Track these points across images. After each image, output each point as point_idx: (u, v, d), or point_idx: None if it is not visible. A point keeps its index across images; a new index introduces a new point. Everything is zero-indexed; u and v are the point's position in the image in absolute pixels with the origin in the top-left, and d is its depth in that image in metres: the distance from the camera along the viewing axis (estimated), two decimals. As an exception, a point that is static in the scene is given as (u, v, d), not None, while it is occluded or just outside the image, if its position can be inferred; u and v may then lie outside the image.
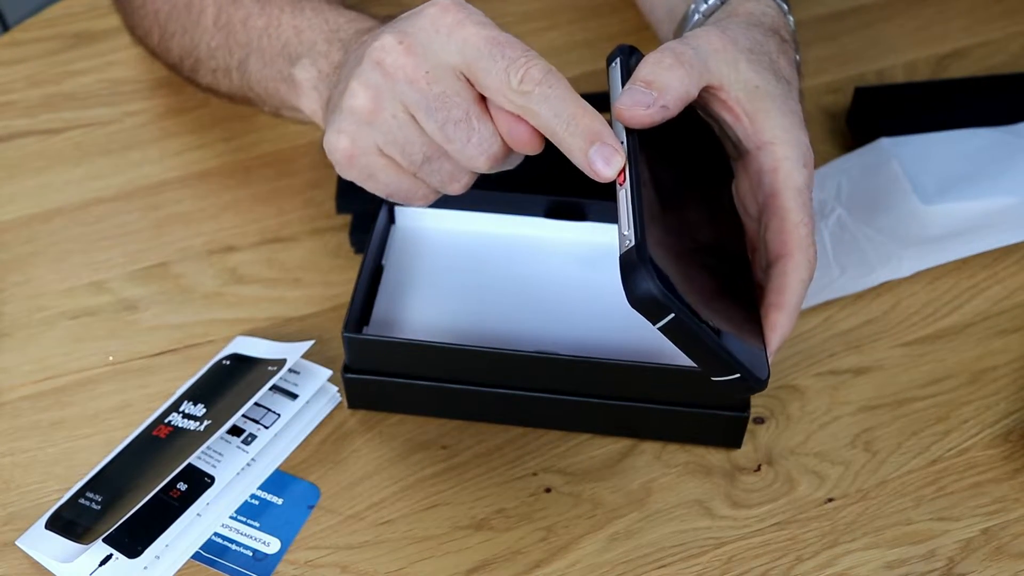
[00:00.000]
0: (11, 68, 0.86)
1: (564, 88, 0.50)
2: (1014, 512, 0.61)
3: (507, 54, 0.51)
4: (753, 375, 0.49)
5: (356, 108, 0.53)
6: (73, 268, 0.73)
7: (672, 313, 0.47)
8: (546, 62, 0.51)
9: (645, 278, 0.46)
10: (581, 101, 0.51)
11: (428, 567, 0.59)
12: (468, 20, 0.51)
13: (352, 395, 0.65)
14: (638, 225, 0.48)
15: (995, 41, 0.88)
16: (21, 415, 0.66)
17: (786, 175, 0.55)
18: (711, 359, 0.49)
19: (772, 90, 0.56)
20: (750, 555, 0.60)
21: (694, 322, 0.47)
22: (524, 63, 0.50)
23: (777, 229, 0.55)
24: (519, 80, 0.50)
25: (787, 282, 0.54)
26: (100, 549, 0.59)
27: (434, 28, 0.52)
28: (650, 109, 0.52)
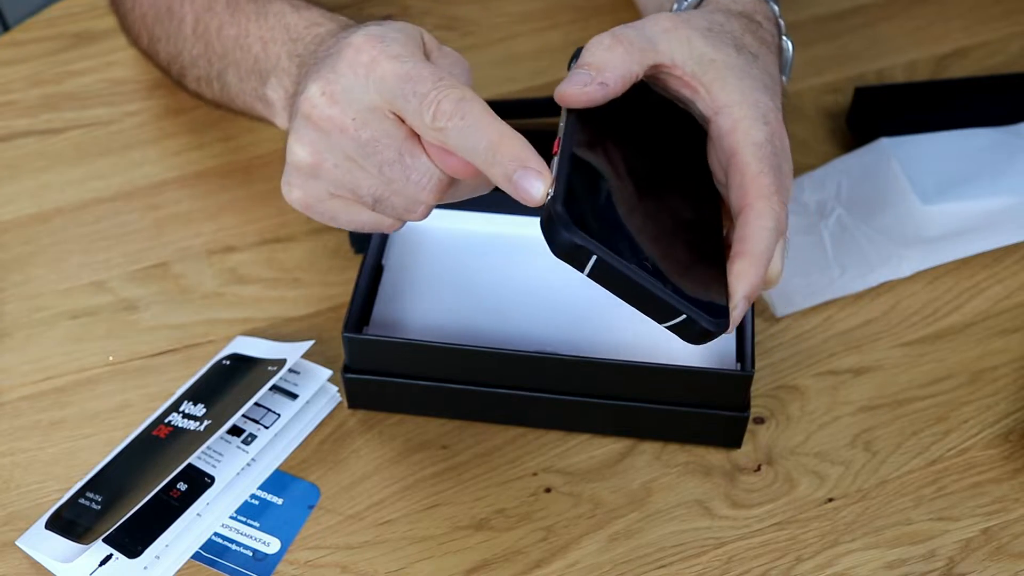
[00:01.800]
0: (11, 68, 0.86)
1: (478, 116, 0.50)
2: (1014, 512, 0.61)
3: (418, 90, 0.50)
4: (704, 316, 0.48)
5: (299, 164, 0.54)
6: (73, 268, 0.73)
7: (595, 255, 0.46)
8: (459, 90, 0.50)
9: (561, 226, 0.46)
10: (498, 126, 0.50)
11: (428, 567, 0.59)
12: (381, 56, 0.51)
13: (352, 395, 0.65)
14: (560, 184, 0.48)
15: (995, 41, 0.88)
16: (21, 415, 0.66)
17: (744, 133, 0.53)
18: (651, 301, 0.48)
19: (730, 61, 0.55)
20: (750, 555, 0.60)
21: (621, 263, 0.47)
22: (434, 97, 0.50)
23: (738, 184, 0.53)
24: (432, 116, 0.50)
25: (750, 231, 0.52)
26: (100, 549, 0.59)
27: (352, 71, 0.52)
28: (588, 87, 0.52)
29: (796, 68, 0.85)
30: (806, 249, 0.72)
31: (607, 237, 0.47)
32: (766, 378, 0.67)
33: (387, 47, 0.51)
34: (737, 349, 0.64)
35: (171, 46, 0.71)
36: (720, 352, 0.64)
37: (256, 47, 0.63)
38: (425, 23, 0.89)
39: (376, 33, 0.52)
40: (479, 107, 0.50)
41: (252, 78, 0.64)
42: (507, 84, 0.83)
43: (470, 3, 0.91)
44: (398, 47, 0.52)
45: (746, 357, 0.61)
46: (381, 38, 0.52)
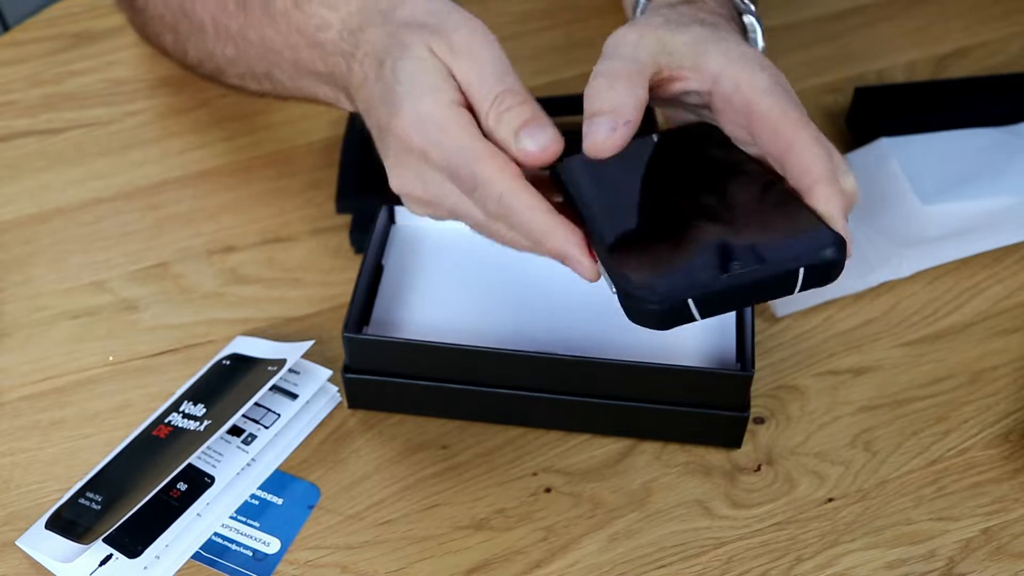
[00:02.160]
0: (11, 68, 0.86)
1: (519, 214, 0.51)
2: (1014, 512, 0.61)
3: (465, 186, 0.52)
4: (818, 253, 0.47)
5: (418, 212, 0.57)
6: (73, 268, 0.73)
7: (690, 299, 0.46)
8: (497, 185, 0.51)
9: (643, 310, 0.47)
10: (539, 221, 0.51)
11: (428, 567, 0.59)
12: (427, 149, 0.53)
13: (352, 395, 0.65)
14: (615, 276, 0.49)
15: (995, 41, 0.88)
16: (21, 415, 0.66)
17: (750, 85, 0.54)
18: (769, 287, 0.47)
19: (701, 35, 0.56)
20: (750, 555, 0.60)
21: (718, 282, 0.46)
22: (480, 196, 0.52)
23: (770, 131, 0.53)
24: (483, 207, 0.53)
25: (808, 160, 0.52)
26: (100, 549, 0.59)
27: (414, 159, 0.54)
28: (617, 131, 0.52)
29: (796, 68, 0.86)
30: (806, 249, 0.72)
31: (686, 275, 0.47)
32: (766, 378, 0.67)
33: (427, 135, 0.53)
34: (737, 349, 0.64)
35: (200, 47, 0.70)
36: (720, 352, 0.64)
37: (287, 53, 0.63)
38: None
39: (412, 118, 0.53)
40: (518, 202, 0.51)
41: (304, 78, 0.63)
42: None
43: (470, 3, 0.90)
44: (435, 129, 0.53)
45: (746, 357, 0.61)
46: (418, 125, 0.53)
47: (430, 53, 0.54)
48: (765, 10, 0.90)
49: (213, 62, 0.70)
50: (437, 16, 0.55)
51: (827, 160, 0.52)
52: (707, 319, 0.48)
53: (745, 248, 0.48)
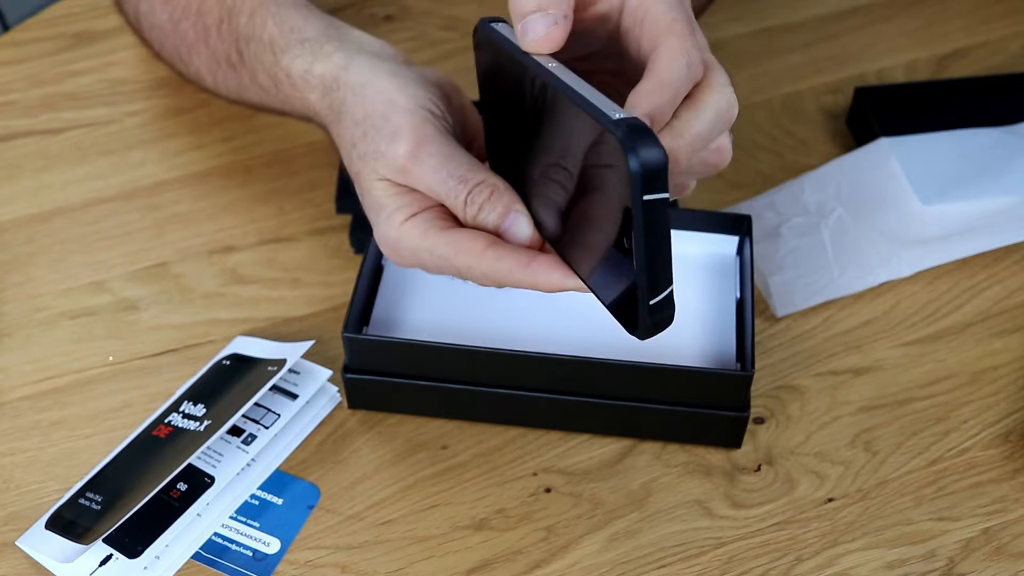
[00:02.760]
0: (11, 68, 0.86)
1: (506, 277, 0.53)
2: (1014, 512, 0.61)
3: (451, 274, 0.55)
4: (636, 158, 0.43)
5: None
6: (73, 268, 0.73)
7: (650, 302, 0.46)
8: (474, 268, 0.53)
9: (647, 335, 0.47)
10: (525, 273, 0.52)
11: (428, 567, 0.59)
12: (403, 262, 0.56)
13: (352, 395, 0.65)
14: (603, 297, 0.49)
15: (995, 41, 0.88)
16: (21, 415, 0.66)
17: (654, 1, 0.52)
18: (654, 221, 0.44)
19: None
20: (750, 555, 0.60)
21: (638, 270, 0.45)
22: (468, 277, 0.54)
23: (650, 35, 0.51)
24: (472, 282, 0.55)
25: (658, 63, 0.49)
26: (100, 549, 0.59)
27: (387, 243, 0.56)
28: (558, 26, 0.50)
29: (796, 68, 0.86)
30: (806, 249, 0.72)
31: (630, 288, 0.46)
32: (766, 378, 0.67)
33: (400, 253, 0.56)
34: (737, 349, 0.64)
35: (201, 85, 0.74)
36: (720, 352, 0.64)
37: (290, 110, 0.66)
38: (426, 23, 0.89)
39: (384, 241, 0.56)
40: (501, 270, 0.53)
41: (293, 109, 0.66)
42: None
43: (470, 3, 0.91)
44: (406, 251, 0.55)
45: (746, 357, 0.61)
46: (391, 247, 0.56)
47: (383, 182, 0.56)
48: (765, 10, 0.91)
49: (226, 97, 0.73)
50: (376, 130, 0.56)
51: (677, 70, 0.49)
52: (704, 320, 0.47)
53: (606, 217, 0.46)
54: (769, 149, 0.80)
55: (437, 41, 0.88)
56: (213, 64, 0.70)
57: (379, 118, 0.56)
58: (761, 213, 0.74)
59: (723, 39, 0.87)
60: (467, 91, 0.83)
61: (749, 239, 0.66)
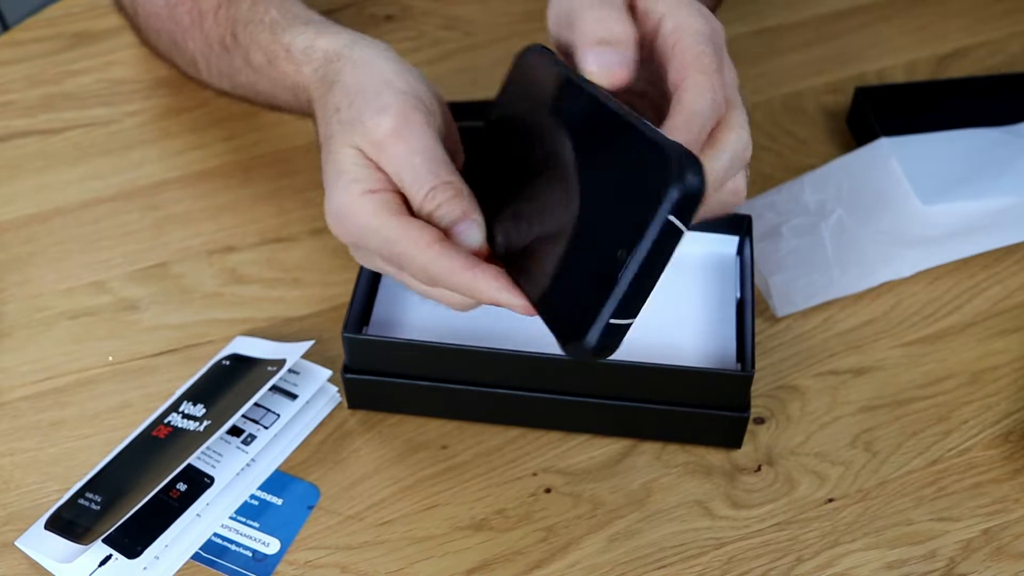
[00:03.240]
0: (10, 68, 0.86)
1: (447, 278, 0.51)
2: (1015, 512, 0.61)
3: (393, 264, 0.54)
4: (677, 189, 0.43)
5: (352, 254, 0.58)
6: (73, 268, 0.73)
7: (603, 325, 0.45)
8: (417, 259, 0.52)
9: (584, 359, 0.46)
10: (465, 276, 0.51)
11: (428, 567, 0.59)
12: (349, 240, 0.55)
13: (352, 395, 0.65)
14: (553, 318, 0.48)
15: (995, 41, 0.88)
16: (21, 415, 0.65)
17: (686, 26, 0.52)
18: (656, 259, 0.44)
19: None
20: (750, 555, 0.60)
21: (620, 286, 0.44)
22: (408, 270, 0.53)
23: (677, 65, 0.51)
24: (415, 282, 0.54)
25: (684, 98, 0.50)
26: (100, 549, 0.59)
27: (344, 239, 0.56)
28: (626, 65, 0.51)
29: (796, 68, 0.86)
30: (806, 249, 0.72)
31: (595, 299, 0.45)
32: (766, 378, 0.67)
33: (348, 229, 0.55)
34: (737, 349, 0.64)
35: (196, 76, 0.74)
36: (720, 352, 0.64)
37: (267, 91, 0.67)
38: (426, 23, 0.89)
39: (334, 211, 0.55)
40: (442, 268, 0.51)
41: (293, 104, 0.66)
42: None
43: (470, 3, 0.91)
44: (354, 226, 0.54)
45: (746, 357, 0.61)
46: (339, 218, 0.55)
47: (354, 151, 0.55)
48: (765, 10, 0.91)
49: (211, 88, 0.74)
50: (364, 102, 0.55)
51: (704, 106, 0.50)
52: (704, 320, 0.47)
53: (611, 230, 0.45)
54: (769, 149, 0.80)
55: (437, 41, 0.88)
56: (206, 48, 0.70)
57: (372, 92, 0.56)
58: (761, 213, 0.74)
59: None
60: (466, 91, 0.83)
61: (749, 239, 0.66)
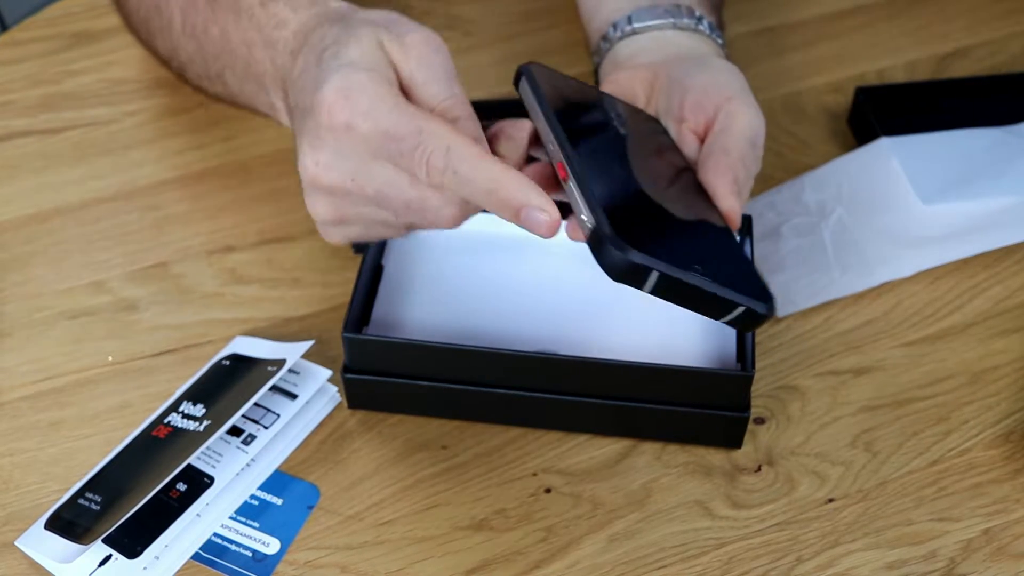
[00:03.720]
0: (10, 68, 0.86)
1: (469, 165, 0.50)
2: (1015, 513, 0.61)
3: (404, 149, 0.50)
4: (758, 303, 0.49)
5: (323, 220, 0.55)
6: (72, 268, 0.73)
7: (654, 271, 0.47)
8: (442, 140, 0.50)
9: (614, 249, 0.47)
10: (492, 171, 0.50)
11: (428, 567, 0.59)
12: (356, 116, 0.51)
13: (352, 395, 0.65)
14: (593, 208, 0.48)
15: (996, 41, 0.88)
16: (20, 415, 0.65)
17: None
18: (711, 302, 0.49)
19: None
20: (751, 555, 0.60)
21: (679, 272, 0.47)
22: (421, 155, 0.50)
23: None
24: (426, 174, 0.50)
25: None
26: (99, 549, 0.59)
27: (334, 135, 0.51)
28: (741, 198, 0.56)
29: (797, 68, 0.86)
30: (807, 249, 0.72)
31: (657, 249, 0.47)
32: (766, 378, 0.67)
33: (357, 103, 0.51)
34: (737, 349, 0.64)
35: (166, 43, 0.71)
36: (720, 352, 0.64)
37: (242, 50, 0.63)
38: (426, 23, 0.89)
39: (342, 86, 0.51)
40: (468, 154, 0.50)
41: (249, 81, 0.63)
42: (507, 84, 0.82)
43: (471, 3, 0.91)
44: (366, 100, 0.51)
45: (746, 357, 0.61)
46: (348, 92, 0.51)
47: (378, 45, 0.53)
48: (766, 9, 0.91)
49: (177, 59, 0.71)
50: (393, 20, 0.55)
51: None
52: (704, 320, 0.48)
53: (709, 258, 0.50)
54: (769, 149, 0.79)
55: (437, 41, 0.88)
56: (188, 5, 0.67)
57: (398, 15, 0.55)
58: (762, 213, 0.74)
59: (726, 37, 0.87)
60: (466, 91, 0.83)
61: (750, 239, 0.66)
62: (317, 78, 0.53)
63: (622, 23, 0.66)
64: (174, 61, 0.72)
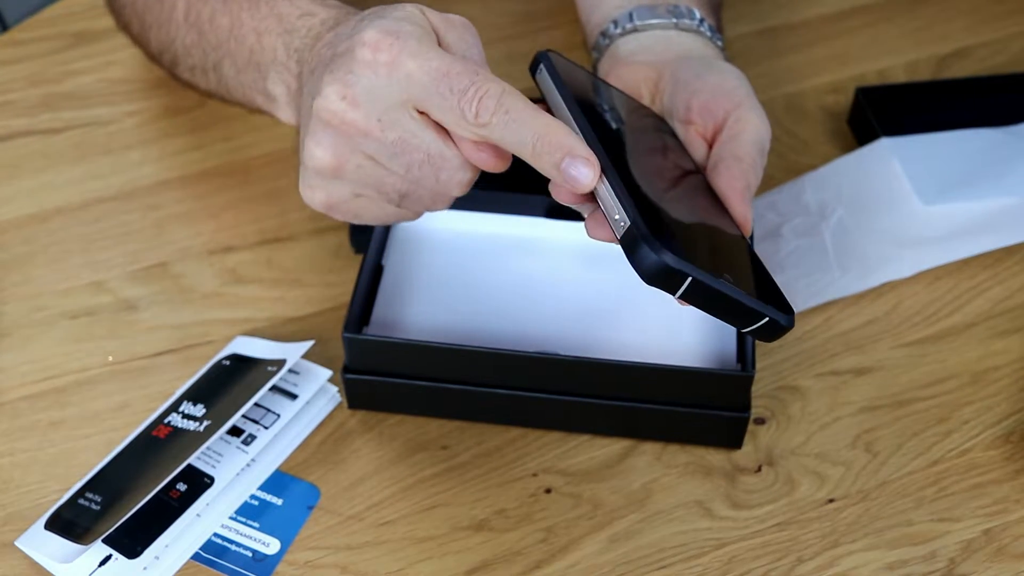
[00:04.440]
0: (11, 68, 0.86)
1: (521, 109, 0.49)
2: (1015, 513, 0.61)
3: (455, 87, 0.49)
4: (780, 314, 0.49)
5: (319, 167, 0.53)
6: (73, 268, 0.73)
7: (689, 277, 0.47)
8: (497, 84, 0.49)
9: (651, 252, 0.47)
10: (542, 117, 0.49)
11: (428, 568, 0.59)
12: (403, 54, 0.49)
13: (352, 395, 0.65)
14: (627, 206, 0.48)
15: (996, 41, 0.88)
16: (20, 415, 0.65)
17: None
18: (738, 311, 0.49)
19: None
20: (751, 556, 0.60)
21: (711, 279, 0.47)
22: (474, 94, 0.49)
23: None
24: (475, 113, 0.49)
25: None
26: (99, 549, 0.59)
27: (372, 71, 0.50)
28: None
29: (797, 68, 0.86)
30: (807, 249, 0.72)
31: (691, 255, 0.47)
32: (767, 378, 0.67)
33: (405, 43, 0.50)
34: (738, 349, 0.64)
35: (162, 34, 0.70)
36: (720, 352, 0.64)
37: (251, 39, 0.62)
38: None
39: (390, 28, 0.50)
40: (520, 100, 0.49)
41: (250, 70, 0.63)
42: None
43: (471, 3, 0.90)
44: (415, 42, 0.50)
45: (747, 357, 0.61)
46: (396, 33, 0.50)
47: (421, 11, 0.52)
48: (767, 10, 0.91)
49: (171, 52, 0.70)
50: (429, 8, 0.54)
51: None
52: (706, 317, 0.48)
53: (736, 267, 0.50)
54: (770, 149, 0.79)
55: (437, 41, 0.88)
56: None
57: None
58: (762, 213, 0.74)
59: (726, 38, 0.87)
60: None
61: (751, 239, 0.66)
62: (355, 27, 0.52)
63: (623, 20, 0.66)
64: (167, 53, 0.71)
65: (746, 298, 0.48)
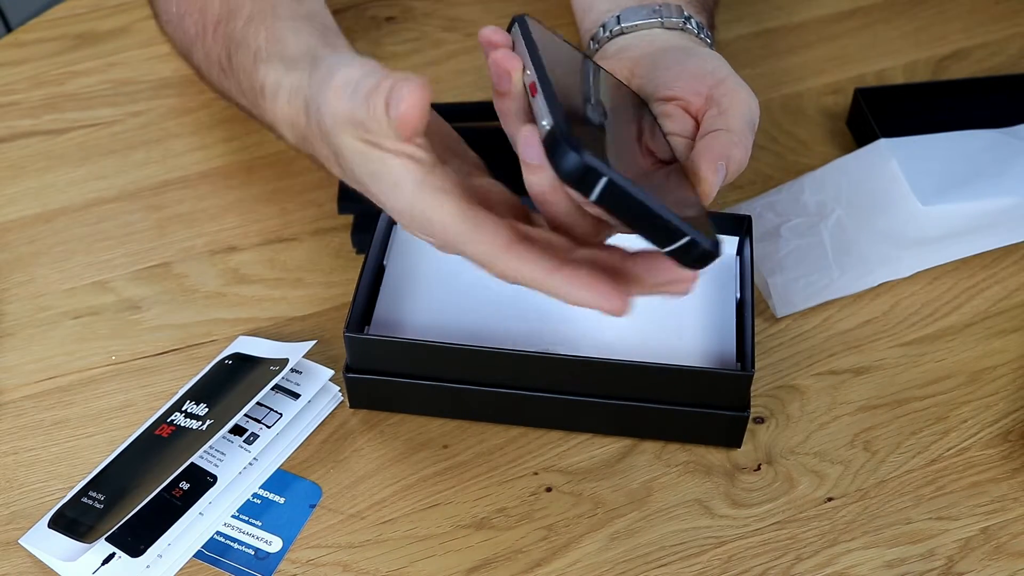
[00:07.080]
0: (14, 69, 0.86)
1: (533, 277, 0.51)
2: (1013, 511, 0.61)
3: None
4: (704, 238, 0.48)
5: None
6: (76, 268, 0.73)
7: (604, 177, 0.46)
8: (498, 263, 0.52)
9: (570, 148, 0.46)
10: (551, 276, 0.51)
11: (429, 566, 0.59)
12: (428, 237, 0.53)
13: (354, 395, 0.65)
14: (555, 111, 0.47)
15: (994, 42, 0.88)
16: (24, 414, 0.66)
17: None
18: (656, 224, 0.47)
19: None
20: (750, 554, 0.60)
21: (630, 184, 0.46)
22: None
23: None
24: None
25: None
26: (103, 548, 0.59)
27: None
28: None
29: (796, 69, 0.86)
30: (806, 249, 0.72)
31: (613, 162, 0.47)
32: (766, 378, 0.67)
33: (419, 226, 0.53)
34: (737, 349, 0.64)
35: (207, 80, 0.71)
36: (720, 352, 0.64)
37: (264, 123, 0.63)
38: (427, 24, 0.90)
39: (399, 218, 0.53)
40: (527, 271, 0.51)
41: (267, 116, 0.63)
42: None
43: (471, 4, 0.91)
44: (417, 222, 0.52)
45: (746, 357, 0.61)
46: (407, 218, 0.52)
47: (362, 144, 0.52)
48: (765, 11, 0.91)
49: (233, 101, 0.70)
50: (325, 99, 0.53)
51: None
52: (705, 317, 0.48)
53: (665, 193, 0.49)
54: (769, 150, 0.80)
55: (439, 42, 0.88)
56: (207, 64, 0.68)
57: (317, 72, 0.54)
58: (761, 213, 0.74)
59: (724, 40, 0.88)
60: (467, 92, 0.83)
61: (749, 239, 0.67)
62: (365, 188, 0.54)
63: (611, 23, 0.66)
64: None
65: (665, 211, 0.47)
